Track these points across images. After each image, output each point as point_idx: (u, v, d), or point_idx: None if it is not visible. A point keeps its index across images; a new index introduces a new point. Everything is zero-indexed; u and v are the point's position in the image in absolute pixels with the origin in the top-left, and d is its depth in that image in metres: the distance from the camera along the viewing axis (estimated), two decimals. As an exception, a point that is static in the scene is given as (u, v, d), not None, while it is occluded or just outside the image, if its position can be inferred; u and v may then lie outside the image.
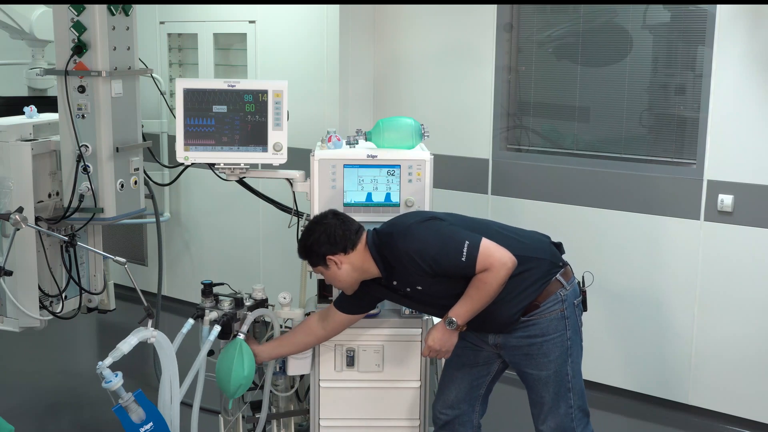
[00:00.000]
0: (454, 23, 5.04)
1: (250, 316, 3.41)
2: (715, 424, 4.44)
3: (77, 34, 3.82)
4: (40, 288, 4.05)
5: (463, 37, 5.03)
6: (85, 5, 3.80)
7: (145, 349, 3.46)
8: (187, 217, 6.07)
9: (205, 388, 3.42)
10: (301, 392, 3.74)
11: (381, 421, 3.56)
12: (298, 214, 3.66)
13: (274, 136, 3.51)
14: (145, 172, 4.22)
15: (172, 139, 4.74)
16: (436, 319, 3.18)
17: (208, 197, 5.88)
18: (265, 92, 3.51)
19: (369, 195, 3.47)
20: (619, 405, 4.67)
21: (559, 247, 3.20)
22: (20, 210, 3.77)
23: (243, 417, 3.62)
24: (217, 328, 3.37)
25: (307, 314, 3.56)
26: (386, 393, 3.54)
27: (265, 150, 3.53)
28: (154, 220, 4.69)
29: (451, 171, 5.01)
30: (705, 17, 4.28)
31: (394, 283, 3.09)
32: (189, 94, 3.50)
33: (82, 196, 3.91)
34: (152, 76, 4.36)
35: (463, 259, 2.90)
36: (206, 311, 3.43)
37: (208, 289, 3.49)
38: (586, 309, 3.18)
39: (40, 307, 4.07)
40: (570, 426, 3.12)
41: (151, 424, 3.19)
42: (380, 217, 3.37)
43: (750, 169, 4.22)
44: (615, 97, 4.66)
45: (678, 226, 4.43)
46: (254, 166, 3.63)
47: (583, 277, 3.23)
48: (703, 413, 4.49)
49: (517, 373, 3.22)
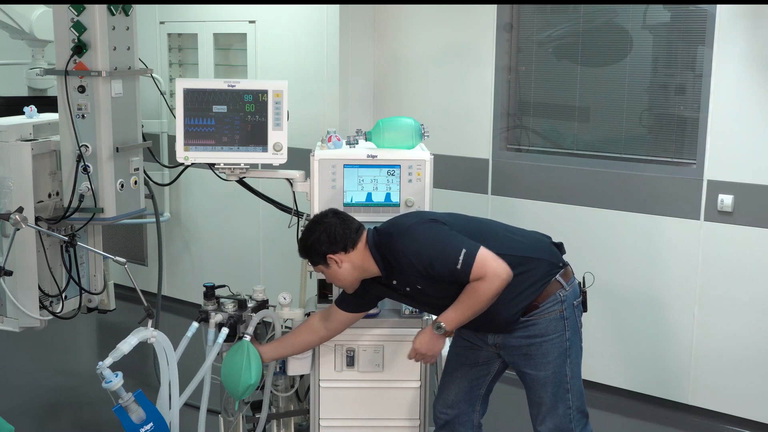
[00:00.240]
0: (454, 23, 5.04)
1: (255, 318, 3.41)
2: (715, 424, 4.44)
3: (77, 34, 3.82)
4: (40, 288, 4.05)
5: (463, 37, 5.03)
6: (85, 5, 3.79)
7: (145, 349, 3.45)
8: (187, 217, 6.07)
9: (200, 387, 3.42)
10: (301, 392, 3.74)
11: (381, 421, 3.57)
12: (298, 214, 3.66)
13: (274, 136, 3.51)
14: (145, 172, 4.21)
15: (172, 139, 4.74)
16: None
17: (208, 197, 5.88)
18: (265, 92, 3.51)
19: (369, 195, 3.47)
20: (619, 405, 4.67)
21: (559, 247, 3.20)
22: (20, 210, 3.77)
23: (243, 417, 3.62)
24: (225, 331, 3.37)
25: (307, 314, 3.56)
26: (386, 393, 3.54)
27: (265, 150, 3.52)
28: (154, 220, 4.68)
29: (451, 171, 5.01)
30: (705, 17, 4.28)
31: (394, 282, 3.09)
32: (189, 94, 3.50)
33: (82, 196, 3.91)
34: (152, 76, 4.36)
35: (458, 266, 2.89)
36: (211, 314, 3.43)
37: (210, 292, 3.48)
38: (586, 310, 3.17)
39: (40, 307, 4.07)
40: (568, 427, 3.12)
41: (152, 424, 3.19)
42: (380, 217, 3.37)
43: (750, 169, 4.22)
44: (615, 97, 4.66)
45: (678, 226, 4.43)
46: (254, 166, 3.63)
47: (584, 277, 3.23)
48: (703, 413, 4.49)
49: (516, 374, 3.21)
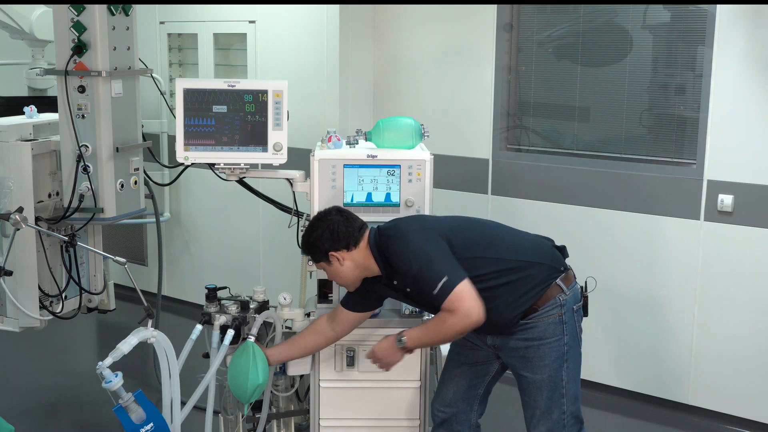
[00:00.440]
0: (454, 23, 5.04)
1: (259, 319, 3.40)
2: (715, 424, 4.44)
3: (77, 34, 3.81)
4: (40, 288, 4.05)
5: (463, 37, 5.02)
6: (85, 5, 3.79)
7: (145, 349, 3.45)
8: (187, 217, 6.07)
9: (205, 389, 3.42)
10: (301, 392, 3.74)
11: (381, 421, 3.56)
12: (298, 214, 3.66)
13: (274, 136, 3.51)
14: (145, 172, 4.21)
15: (172, 139, 4.74)
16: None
17: (208, 197, 5.88)
18: (265, 92, 3.50)
19: (369, 195, 3.47)
20: (619, 405, 4.67)
21: (562, 251, 3.18)
22: (20, 210, 3.77)
23: (243, 417, 3.63)
24: (231, 333, 3.36)
25: (307, 314, 3.56)
26: (386, 393, 3.54)
27: (265, 150, 3.52)
28: (154, 220, 4.69)
29: (451, 171, 5.01)
30: (705, 17, 4.28)
31: (395, 282, 3.08)
32: (189, 94, 3.50)
33: (82, 196, 3.91)
34: (152, 76, 4.36)
35: (434, 291, 2.91)
36: (214, 316, 3.42)
37: (212, 294, 3.48)
38: (586, 314, 3.15)
39: (40, 307, 4.07)
40: None
41: (152, 424, 3.18)
42: (380, 217, 3.37)
43: (750, 169, 4.22)
44: (615, 97, 4.66)
45: (678, 226, 4.43)
46: (254, 166, 3.63)
47: (586, 282, 3.21)
48: (703, 413, 4.49)
49: (513, 376, 3.21)
